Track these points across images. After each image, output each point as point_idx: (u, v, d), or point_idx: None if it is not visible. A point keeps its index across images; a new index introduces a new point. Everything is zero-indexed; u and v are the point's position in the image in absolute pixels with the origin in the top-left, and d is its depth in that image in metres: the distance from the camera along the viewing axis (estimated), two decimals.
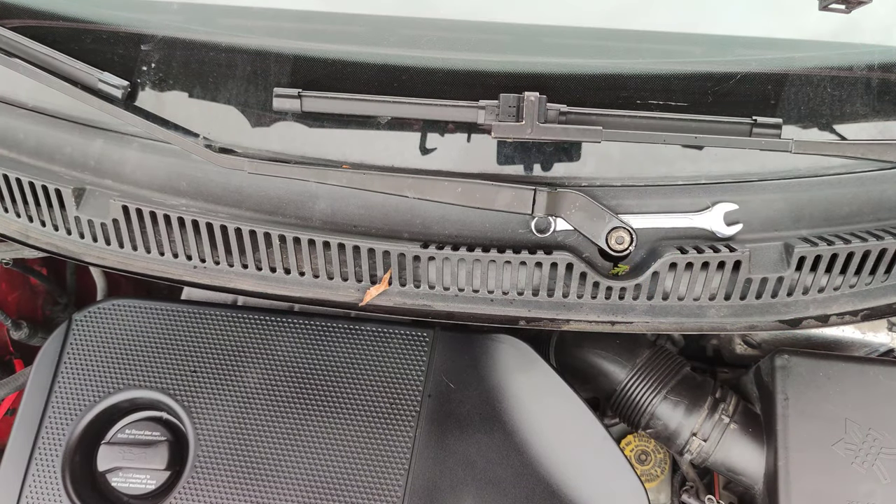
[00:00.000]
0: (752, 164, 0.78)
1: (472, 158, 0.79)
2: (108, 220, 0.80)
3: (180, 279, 0.82)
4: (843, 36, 0.80)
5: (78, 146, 0.84)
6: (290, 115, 0.79)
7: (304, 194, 0.80)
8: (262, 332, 0.87)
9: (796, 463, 0.81)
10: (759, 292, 0.76)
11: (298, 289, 0.80)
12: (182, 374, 0.85)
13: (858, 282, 0.77)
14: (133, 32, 0.83)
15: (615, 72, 0.79)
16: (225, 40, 0.82)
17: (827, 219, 0.77)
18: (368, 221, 0.79)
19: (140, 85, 0.82)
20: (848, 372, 0.84)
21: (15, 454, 0.83)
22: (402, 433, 0.82)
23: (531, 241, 0.77)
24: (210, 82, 0.81)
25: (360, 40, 0.83)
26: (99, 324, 0.88)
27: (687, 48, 0.82)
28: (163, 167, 0.82)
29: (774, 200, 0.77)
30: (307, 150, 0.80)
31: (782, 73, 0.78)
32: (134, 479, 0.82)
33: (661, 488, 1.05)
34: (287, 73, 0.80)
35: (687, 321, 0.78)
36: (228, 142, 0.80)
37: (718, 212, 0.76)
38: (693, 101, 0.77)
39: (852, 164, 0.78)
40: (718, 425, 0.89)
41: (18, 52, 0.79)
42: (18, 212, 0.84)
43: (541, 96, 0.69)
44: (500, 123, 0.71)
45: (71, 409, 0.84)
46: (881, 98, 0.78)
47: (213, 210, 0.80)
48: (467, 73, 0.79)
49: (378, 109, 0.75)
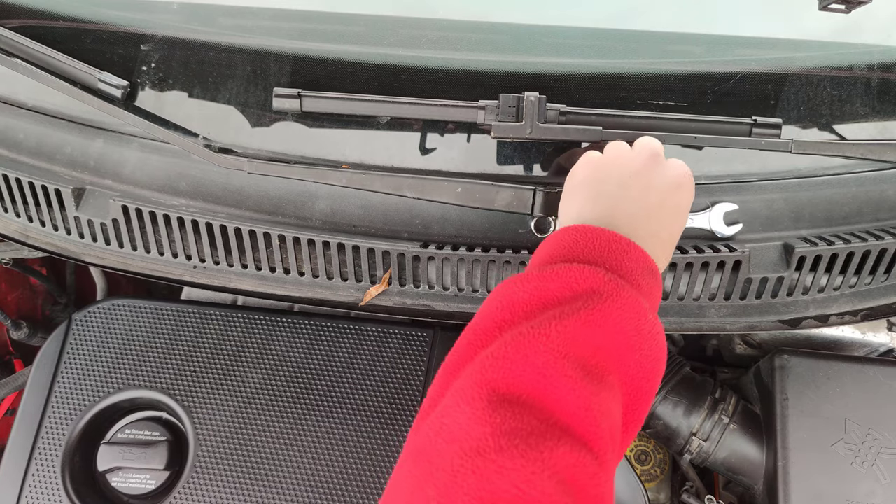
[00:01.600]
0: (753, 164, 0.78)
1: (472, 158, 0.79)
2: (108, 220, 0.80)
3: (180, 279, 0.82)
4: (842, 36, 0.80)
5: (78, 146, 0.84)
6: (290, 115, 0.79)
7: (304, 194, 0.80)
8: (261, 332, 0.87)
9: (796, 463, 0.81)
10: (759, 292, 0.76)
11: (298, 289, 0.80)
12: (182, 374, 0.85)
13: (858, 282, 0.77)
14: (133, 32, 0.83)
15: (615, 72, 0.79)
16: (225, 40, 0.82)
17: (827, 219, 0.77)
18: (368, 221, 0.79)
19: (140, 85, 0.82)
20: (848, 372, 0.84)
21: (15, 454, 0.83)
22: (402, 433, 0.82)
23: (531, 241, 0.77)
24: (210, 82, 0.81)
25: (360, 40, 0.83)
26: (99, 324, 0.88)
27: (686, 48, 0.81)
28: (162, 167, 0.82)
29: (774, 200, 0.77)
30: (307, 150, 0.80)
31: (782, 73, 0.78)
32: (134, 479, 0.82)
33: (660, 488, 1.05)
34: (287, 73, 0.80)
35: (687, 321, 0.78)
36: (228, 142, 0.80)
37: (718, 212, 0.76)
38: (693, 101, 0.77)
39: (852, 164, 0.78)
40: (718, 425, 0.89)
41: (18, 51, 0.79)
42: (18, 212, 0.84)
43: (540, 96, 0.69)
44: (499, 123, 0.71)
45: (71, 409, 0.85)
46: (881, 98, 0.78)
47: (212, 210, 0.80)
48: (467, 73, 0.79)
49: (378, 109, 0.75)
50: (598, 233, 0.55)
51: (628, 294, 0.51)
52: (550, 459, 0.41)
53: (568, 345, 0.46)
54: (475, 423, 0.42)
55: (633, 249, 0.55)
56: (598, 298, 0.49)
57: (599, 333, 0.48)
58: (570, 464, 0.41)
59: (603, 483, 0.43)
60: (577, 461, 0.42)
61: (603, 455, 0.44)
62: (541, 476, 0.40)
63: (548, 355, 0.45)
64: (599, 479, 0.43)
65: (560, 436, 0.42)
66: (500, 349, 0.46)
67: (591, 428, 0.44)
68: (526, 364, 0.45)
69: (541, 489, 0.39)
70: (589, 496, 0.42)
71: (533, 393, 0.44)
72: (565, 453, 0.42)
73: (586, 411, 0.44)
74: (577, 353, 0.46)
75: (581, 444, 0.43)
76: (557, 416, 0.44)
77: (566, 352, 0.46)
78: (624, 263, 0.54)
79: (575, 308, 0.48)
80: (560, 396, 0.44)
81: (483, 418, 0.42)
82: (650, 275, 0.55)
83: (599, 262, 0.53)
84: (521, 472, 0.39)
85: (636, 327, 0.50)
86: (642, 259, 0.55)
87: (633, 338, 0.50)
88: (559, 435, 0.42)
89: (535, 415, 0.43)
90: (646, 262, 0.55)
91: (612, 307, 0.49)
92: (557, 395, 0.44)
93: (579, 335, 0.47)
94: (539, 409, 0.44)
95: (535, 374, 0.45)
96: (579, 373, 0.45)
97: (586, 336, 0.47)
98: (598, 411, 0.45)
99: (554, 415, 0.44)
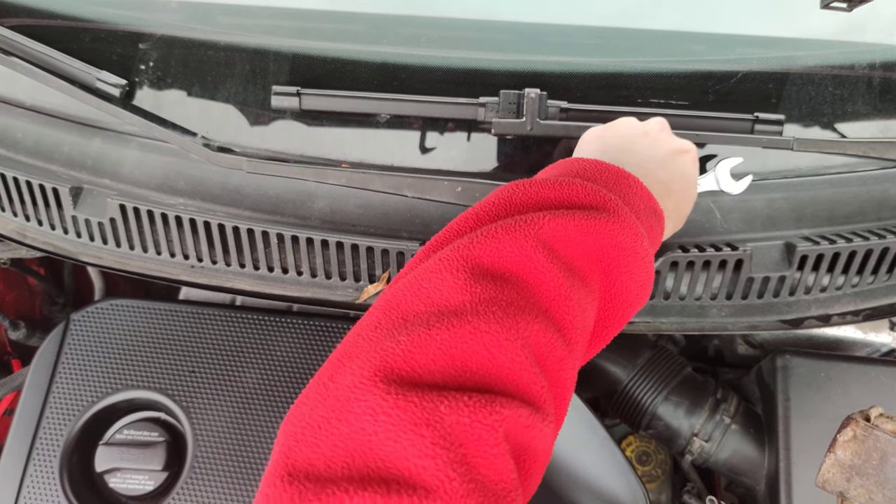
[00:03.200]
0: (754, 163, 0.77)
1: (472, 158, 0.79)
2: (106, 220, 0.80)
3: (178, 279, 0.82)
4: (844, 34, 0.80)
5: (76, 145, 0.83)
6: (289, 113, 0.79)
7: (303, 193, 0.79)
8: (260, 332, 0.87)
9: (798, 463, 0.81)
10: (761, 292, 0.76)
11: (297, 288, 0.80)
12: (180, 374, 0.85)
13: (860, 281, 0.76)
14: (131, 31, 0.83)
15: (616, 70, 0.78)
16: (223, 39, 0.81)
17: (829, 218, 0.77)
18: (367, 221, 0.79)
19: (138, 84, 0.81)
20: (849, 372, 0.84)
21: (12, 455, 0.83)
22: None
23: None
24: (209, 81, 0.81)
25: (360, 39, 0.83)
26: (97, 324, 0.88)
27: (688, 47, 0.81)
28: (161, 166, 0.81)
29: (776, 199, 0.77)
30: (306, 149, 0.80)
31: (784, 72, 0.78)
32: (132, 480, 0.82)
33: (662, 489, 1.05)
34: (286, 72, 0.79)
35: (688, 321, 0.77)
36: (227, 141, 0.80)
37: (724, 168, 0.71)
38: (694, 100, 0.76)
39: (854, 163, 0.78)
40: (720, 426, 0.89)
41: (16, 50, 0.79)
42: (15, 211, 0.84)
43: (541, 93, 0.69)
44: (500, 120, 0.71)
45: (69, 410, 0.84)
46: (883, 97, 0.78)
47: (210, 209, 0.80)
48: (467, 71, 0.78)
49: (377, 107, 0.74)
50: (607, 167, 0.56)
51: (628, 218, 0.51)
52: (525, 331, 0.41)
53: (557, 240, 0.47)
54: (455, 290, 0.42)
55: (639, 187, 0.55)
56: (597, 212, 0.49)
57: (591, 241, 0.48)
58: (543, 341, 0.42)
59: (570, 369, 0.44)
60: (550, 341, 0.42)
61: (575, 345, 0.45)
62: (514, 343, 0.40)
63: (535, 242, 0.45)
64: (567, 365, 0.44)
65: (538, 314, 0.43)
66: (490, 230, 0.47)
67: (567, 317, 0.45)
68: (514, 245, 0.45)
69: (511, 355, 0.39)
70: (556, 377, 0.43)
71: (517, 271, 0.44)
72: (540, 330, 0.42)
73: (566, 300, 0.45)
74: (564, 251, 0.47)
75: (557, 328, 0.43)
76: (538, 297, 0.44)
77: (553, 245, 0.46)
78: (629, 196, 0.54)
79: (572, 213, 0.49)
80: (543, 280, 0.45)
81: (464, 287, 0.42)
82: (653, 214, 0.56)
83: (606, 188, 0.53)
84: (494, 336, 0.40)
85: (631, 248, 0.50)
86: (647, 198, 0.55)
87: (624, 258, 0.50)
88: (537, 313, 0.43)
89: (516, 290, 0.43)
90: (650, 202, 0.56)
91: (609, 223, 0.49)
92: (541, 279, 0.45)
93: (570, 236, 0.47)
94: (521, 286, 0.44)
95: (521, 256, 0.45)
96: (562, 267, 0.46)
97: (577, 239, 0.47)
98: (576, 304, 0.45)
99: (535, 295, 0.44)
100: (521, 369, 0.40)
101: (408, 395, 0.36)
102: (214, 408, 0.83)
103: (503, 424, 0.37)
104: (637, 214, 0.53)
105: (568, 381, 0.45)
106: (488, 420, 0.36)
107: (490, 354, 0.39)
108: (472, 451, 0.36)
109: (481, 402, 0.37)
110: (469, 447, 0.36)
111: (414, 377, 0.38)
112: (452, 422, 0.36)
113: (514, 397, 0.39)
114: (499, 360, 0.39)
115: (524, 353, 0.40)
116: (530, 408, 0.39)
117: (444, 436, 0.35)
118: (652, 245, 0.54)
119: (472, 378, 0.38)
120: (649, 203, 0.56)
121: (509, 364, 0.39)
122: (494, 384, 0.39)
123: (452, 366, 0.38)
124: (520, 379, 0.40)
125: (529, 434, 0.39)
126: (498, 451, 0.36)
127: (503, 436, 0.37)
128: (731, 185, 0.72)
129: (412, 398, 0.36)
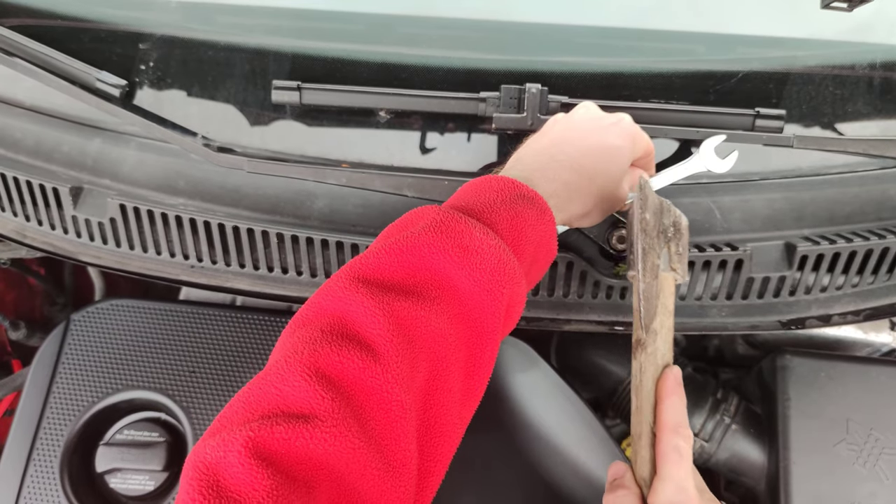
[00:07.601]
0: (754, 163, 0.77)
1: (473, 157, 0.79)
2: (106, 219, 0.80)
3: (177, 279, 0.82)
4: (845, 34, 0.80)
5: (76, 145, 0.83)
6: (289, 113, 0.79)
7: (303, 193, 0.79)
8: (260, 332, 0.87)
9: (798, 463, 0.81)
10: (761, 292, 0.76)
11: (296, 288, 0.80)
12: (180, 374, 0.85)
13: (861, 281, 0.76)
14: (131, 31, 0.83)
15: (617, 70, 0.78)
16: (223, 39, 0.81)
17: (829, 218, 0.77)
18: (367, 220, 0.79)
19: (138, 84, 0.81)
20: (850, 372, 0.84)
21: (13, 455, 0.83)
22: None
23: None
24: (209, 81, 0.81)
25: (360, 39, 0.83)
26: (97, 324, 0.88)
27: (689, 46, 0.81)
28: (161, 166, 0.81)
29: (776, 199, 0.77)
30: (306, 149, 0.80)
31: (784, 72, 0.78)
32: (132, 481, 0.82)
33: None
34: (286, 72, 0.79)
35: (688, 321, 0.77)
36: (227, 141, 0.80)
37: (708, 148, 0.68)
38: (695, 100, 0.76)
39: (854, 163, 0.78)
40: (720, 426, 0.89)
41: (16, 50, 0.79)
42: (15, 210, 0.84)
43: (542, 88, 0.69)
44: (500, 115, 0.70)
45: (69, 410, 0.84)
46: (883, 97, 0.78)
47: (210, 209, 0.79)
48: (467, 71, 0.78)
49: (378, 102, 0.74)
50: (481, 180, 0.59)
51: (454, 220, 0.54)
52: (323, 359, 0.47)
53: (365, 269, 0.52)
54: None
55: (496, 182, 0.58)
56: (422, 230, 0.54)
57: (407, 257, 0.52)
58: (340, 361, 0.47)
59: (380, 378, 0.48)
60: (351, 360, 0.47)
61: (386, 356, 0.48)
62: (308, 381, 0.46)
63: (344, 281, 0.51)
64: (376, 376, 0.47)
65: (340, 341, 0.48)
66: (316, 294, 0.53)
67: (375, 331, 0.49)
68: (326, 293, 0.52)
69: (299, 387, 0.46)
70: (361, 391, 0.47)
71: (328, 311, 0.50)
72: (339, 353, 0.47)
73: (373, 317, 0.49)
74: (375, 276, 0.52)
75: (363, 346, 0.48)
76: (344, 324, 0.49)
77: (362, 275, 0.52)
78: (477, 198, 0.57)
79: (384, 243, 0.54)
80: (348, 309, 0.50)
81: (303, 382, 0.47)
82: (518, 200, 0.57)
83: (454, 201, 0.58)
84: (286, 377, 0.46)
85: (458, 245, 0.53)
86: (507, 189, 0.57)
87: (454, 256, 0.52)
88: (339, 340, 0.48)
89: (321, 328, 0.49)
90: (512, 191, 0.57)
91: (429, 235, 0.53)
92: (345, 308, 0.50)
93: (382, 261, 0.52)
94: (327, 322, 0.49)
95: (329, 297, 0.51)
96: (372, 288, 0.50)
97: (388, 262, 0.52)
98: (391, 318, 0.49)
99: (340, 323, 0.49)
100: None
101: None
102: (214, 408, 0.83)
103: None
104: (481, 213, 0.56)
105: (378, 391, 0.48)
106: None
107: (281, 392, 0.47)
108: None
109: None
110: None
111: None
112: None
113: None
114: (286, 393, 0.46)
115: (318, 386, 0.46)
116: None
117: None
118: (515, 230, 0.56)
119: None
120: (512, 192, 0.57)
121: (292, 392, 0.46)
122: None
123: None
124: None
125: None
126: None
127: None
128: (716, 164, 0.69)
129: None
